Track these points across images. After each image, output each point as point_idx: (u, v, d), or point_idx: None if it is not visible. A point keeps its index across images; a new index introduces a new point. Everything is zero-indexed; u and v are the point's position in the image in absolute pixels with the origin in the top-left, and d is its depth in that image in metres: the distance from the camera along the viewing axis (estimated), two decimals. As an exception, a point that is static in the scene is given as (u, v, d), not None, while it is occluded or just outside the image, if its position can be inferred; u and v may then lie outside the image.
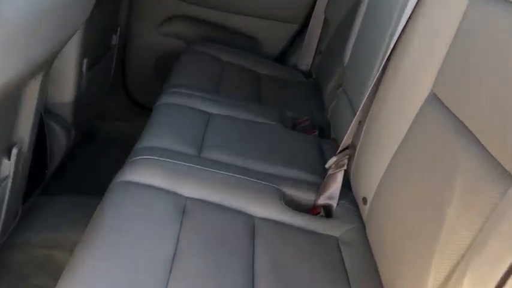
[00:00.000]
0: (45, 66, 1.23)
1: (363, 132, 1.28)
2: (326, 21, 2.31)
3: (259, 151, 1.53)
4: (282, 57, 2.49)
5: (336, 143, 1.66)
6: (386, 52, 1.23)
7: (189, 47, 2.33)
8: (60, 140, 1.80)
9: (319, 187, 1.40)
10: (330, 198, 1.34)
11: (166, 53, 2.49)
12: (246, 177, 1.37)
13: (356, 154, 1.31)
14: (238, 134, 1.61)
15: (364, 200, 1.23)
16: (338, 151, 1.33)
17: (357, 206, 1.33)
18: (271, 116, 1.79)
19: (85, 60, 1.77)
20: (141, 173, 1.29)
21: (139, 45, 2.48)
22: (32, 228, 1.67)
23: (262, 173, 1.42)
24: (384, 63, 1.22)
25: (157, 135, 1.50)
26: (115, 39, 2.17)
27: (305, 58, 2.39)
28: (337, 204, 1.34)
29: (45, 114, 1.70)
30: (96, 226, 1.10)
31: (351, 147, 1.34)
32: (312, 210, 1.35)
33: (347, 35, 1.80)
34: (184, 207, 1.22)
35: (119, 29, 2.19)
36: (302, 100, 2.09)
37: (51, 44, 1.15)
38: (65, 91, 1.75)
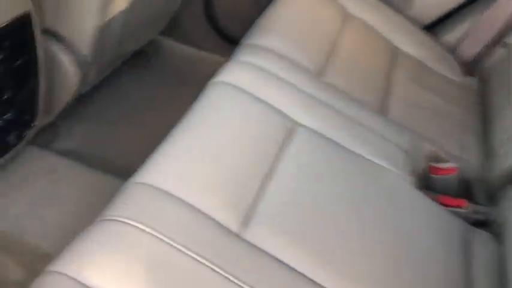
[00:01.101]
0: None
1: None
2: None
3: (361, 247, 0.82)
4: (433, 28, 1.65)
5: (499, 243, 0.94)
6: None
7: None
8: (67, 82, 1.17)
9: None
10: None
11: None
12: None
13: None
14: (327, 192, 0.89)
15: None
16: None
17: None
18: (396, 153, 1.05)
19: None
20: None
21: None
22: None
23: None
24: None
25: (169, 162, 0.82)
26: None
27: (470, 44, 1.55)
28: None
29: (46, 36, 1.05)
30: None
31: None
32: None
33: None
34: None
35: None
36: (450, 118, 1.31)
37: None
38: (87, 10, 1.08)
